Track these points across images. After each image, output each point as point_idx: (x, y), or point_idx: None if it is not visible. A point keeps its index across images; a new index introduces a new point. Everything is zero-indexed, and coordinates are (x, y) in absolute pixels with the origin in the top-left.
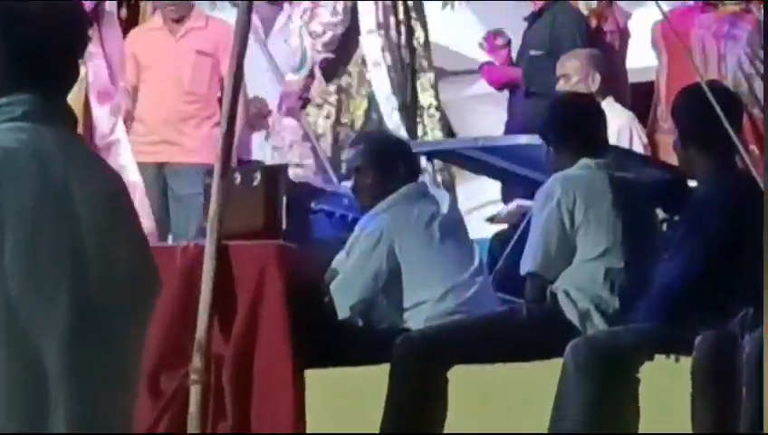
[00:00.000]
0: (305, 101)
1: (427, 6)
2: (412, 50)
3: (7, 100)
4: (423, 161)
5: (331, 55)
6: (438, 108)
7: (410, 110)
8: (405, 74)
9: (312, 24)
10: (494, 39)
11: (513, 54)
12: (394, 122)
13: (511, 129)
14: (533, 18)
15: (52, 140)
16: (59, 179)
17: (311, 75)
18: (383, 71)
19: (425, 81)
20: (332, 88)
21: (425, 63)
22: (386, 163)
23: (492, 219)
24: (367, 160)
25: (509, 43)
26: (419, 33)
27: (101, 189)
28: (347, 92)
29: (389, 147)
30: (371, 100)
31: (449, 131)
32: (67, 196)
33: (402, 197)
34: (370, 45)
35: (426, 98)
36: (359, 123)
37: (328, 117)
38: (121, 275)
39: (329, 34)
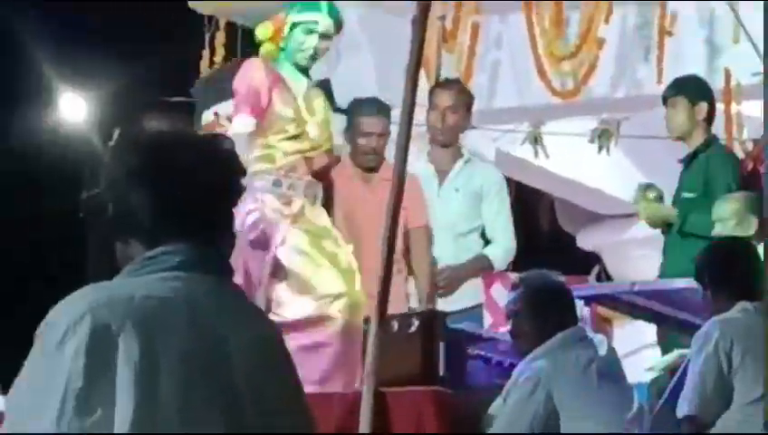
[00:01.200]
0: None
1: (582, 150)
2: None
3: (163, 249)
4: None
5: None
6: None
7: None
8: None
9: None
10: (645, 192)
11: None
12: None
13: (667, 272)
14: (688, 161)
15: (207, 289)
16: (213, 327)
17: None
18: None
19: None
20: None
21: None
22: (545, 308)
23: (652, 368)
24: (526, 305)
25: (661, 197)
26: None
27: (256, 338)
28: None
29: (548, 292)
30: None
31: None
32: (221, 343)
33: (560, 342)
34: None
35: None
36: None
37: None
38: (277, 422)
39: None
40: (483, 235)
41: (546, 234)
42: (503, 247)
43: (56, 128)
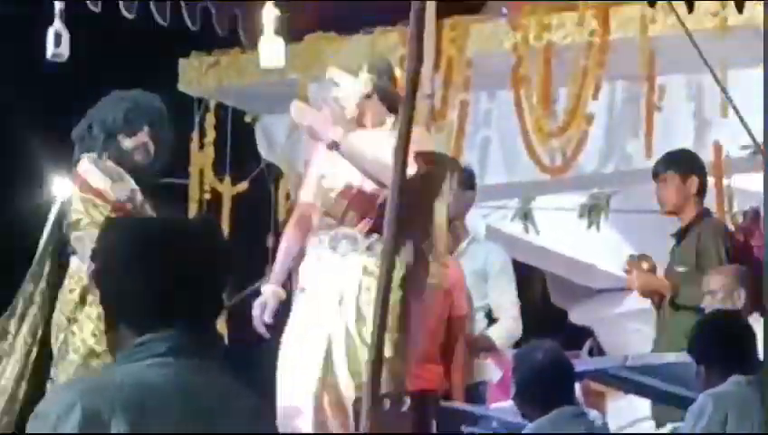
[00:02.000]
0: None
1: (573, 225)
2: None
3: (151, 336)
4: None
5: None
6: None
7: None
8: None
9: None
10: (639, 264)
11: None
12: None
13: (659, 346)
14: (680, 235)
15: (196, 374)
16: (203, 413)
17: None
18: None
19: None
20: None
21: None
22: (542, 385)
23: None
24: (523, 381)
25: (654, 268)
26: None
27: (246, 419)
28: None
29: (547, 369)
30: None
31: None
32: (211, 429)
33: (555, 418)
34: None
35: None
36: None
37: None
38: None
39: None
40: (488, 314)
41: (538, 309)
42: (506, 328)
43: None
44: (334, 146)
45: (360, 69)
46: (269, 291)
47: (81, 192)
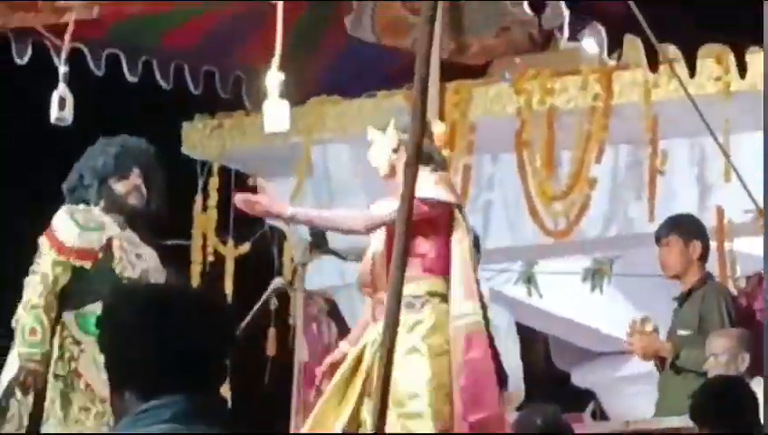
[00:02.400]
0: None
1: (576, 288)
2: None
3: (157, 402)
4: None
5: None
6: None
7: None
8: None
9: None
10: (641, 326)
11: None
12: None
13: (662, 409)
14: (683, 299)
15: None
16: None
17: None
18: None
19: None
20: None
21: None
22: None
23: None
24: None
25: (656, 331)
26: None
27: None
28: None
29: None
30: None
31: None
32: None
33: None
34: None
35: None
36: None
37: None
38: None
39: None
40: None
41: (541, 371)
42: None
43: None
44: (291, 219)
45: (389, 125)
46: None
47: (46, 239)
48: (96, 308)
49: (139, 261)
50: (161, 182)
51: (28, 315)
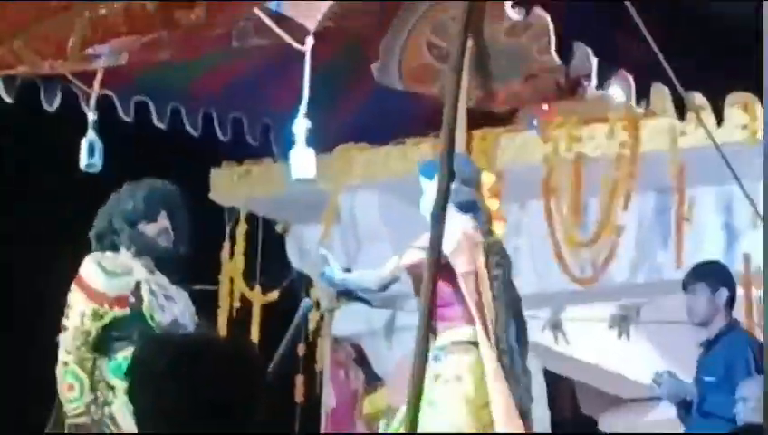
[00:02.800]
0: None
1: (602, 335)
2: None
3: None
4: None
5: None
6: None
7: None
8: None
9: None
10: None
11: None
12: None
13: None
14: (708, 345)
15: None
16: None
17: None
18: None
19: None
20: None
21: None
22: None
23: None
24: None
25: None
26: None
27: None
28: None
29: None
30: None
31: None
32: None
33: None
34: None
35: None
36: None
37: None
38: None
39: None
40: None
41: (568, 418)
42: None
43: None
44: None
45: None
46: None
47: (75, 289)
48: (127, 352)
49: (168, 303)
50: (187, 223)
51: (64, 374)
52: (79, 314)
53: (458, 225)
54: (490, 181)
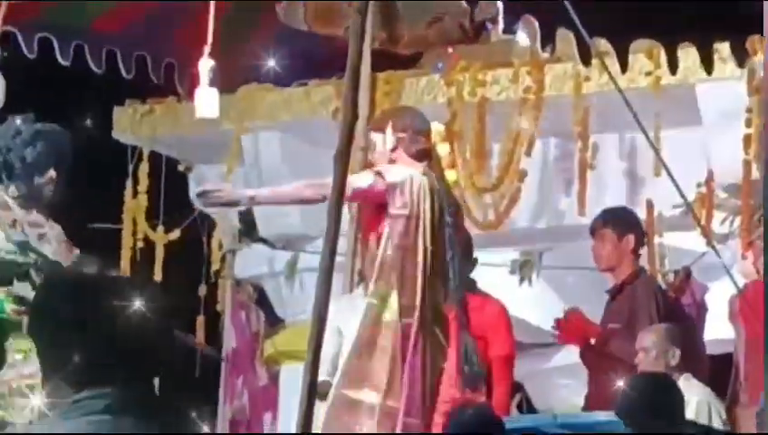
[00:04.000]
0: None
1: (504, 281)
2: None
3: (88, 393)
4: None
5: None
6: None
7: None
8: None
9: None
10: (565, 321)
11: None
12: None
13: (591, 402)
14: (615, 292)
15: (133, 432)
16: None
17: None
18: None
19: None
20: None
21: None
22: None
23: None
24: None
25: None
26: None
27: None
28: None
29: (476, 428)
30: None
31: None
32: None
33: None
34: None
35: None
36: None
37: None
38: None
39: None
40: None
41: None
42: None
43: None
44: (252, 201)
45: (387, 126)
46: None
47: None
48: None
49: (40, 242)
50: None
51: None
52: None
53: (409, 169)
54: (439, 131)
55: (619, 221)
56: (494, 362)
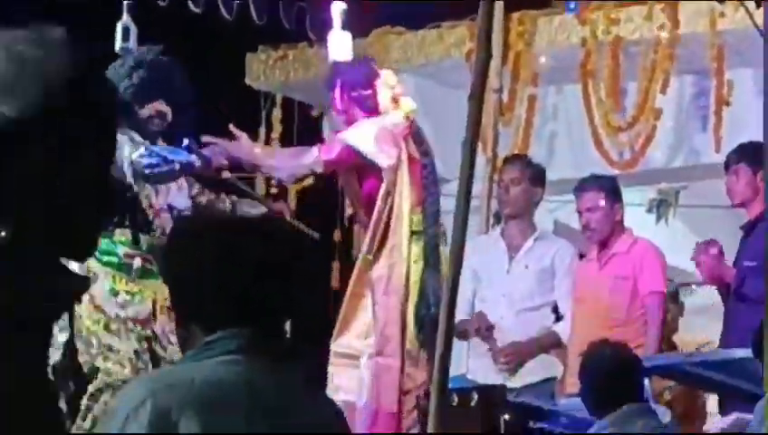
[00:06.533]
0: None
1: (640, 220)
2: None
3: (222, 334)
4: None
5: None
6: None
7: None
8: None
9: None
10: (706, 248)
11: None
12: None
13: (727, 340)
14: (749, 228)
15: (266, 372)
16: (273, 410)
17: None
18: None
19: None
20: None
21: None
22: (612, 381)
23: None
24: (591, 378)
25: (722, 252)
26: None
27: (317, 418)
28: None
29: (615, 366)
30: None
31: None
32: (281, 425)
33: (625, 415)
34: None
35: None
36: None
37: None
38: None
39: None
40: (555, 310)
41: None
42: (572, 324)
43: None
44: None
45: None
46: None
47: None
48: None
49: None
50: (187, 98)
51: None
52: None
53: (374, 124)
54: (394, 81)
55: (755, 156)
56: (647, 300)
